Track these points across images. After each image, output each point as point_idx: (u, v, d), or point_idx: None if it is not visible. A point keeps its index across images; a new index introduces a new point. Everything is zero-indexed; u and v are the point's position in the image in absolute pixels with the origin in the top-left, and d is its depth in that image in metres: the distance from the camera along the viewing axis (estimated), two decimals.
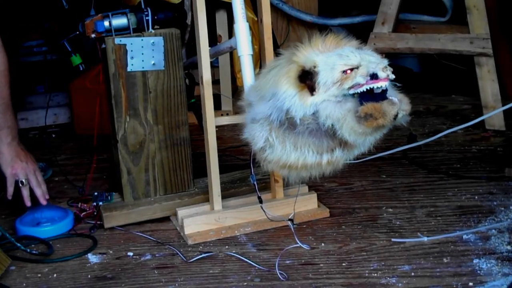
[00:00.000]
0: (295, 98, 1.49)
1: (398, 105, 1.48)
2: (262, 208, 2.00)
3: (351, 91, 1.48)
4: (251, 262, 1.90)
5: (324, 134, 1.57)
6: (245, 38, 1.95)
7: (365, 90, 1.46)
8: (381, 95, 1.47)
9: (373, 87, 1.45)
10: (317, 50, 1.49)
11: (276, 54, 1.73)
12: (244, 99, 1.75)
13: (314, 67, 1.46)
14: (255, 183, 1.96)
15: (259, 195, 1.98)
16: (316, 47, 1.50)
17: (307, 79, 1.46)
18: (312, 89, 1.46)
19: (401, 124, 1.55)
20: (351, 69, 1.45)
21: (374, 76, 1.44)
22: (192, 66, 2.46)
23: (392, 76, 1.46)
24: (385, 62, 1.45)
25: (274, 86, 1.52)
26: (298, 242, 1.94)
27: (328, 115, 1.51)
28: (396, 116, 1.48)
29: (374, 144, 1.67)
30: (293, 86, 1.48)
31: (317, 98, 1.48)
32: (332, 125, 1.53)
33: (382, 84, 1.45)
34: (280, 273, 1.81)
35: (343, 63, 1.45)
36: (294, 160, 1.63)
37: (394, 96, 1.51)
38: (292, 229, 1.97)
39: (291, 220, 1.99)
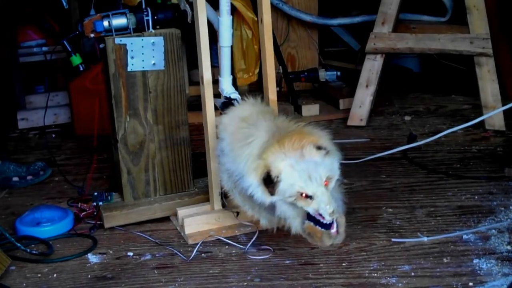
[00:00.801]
0: (258, 189, 1.69)
1: (334, 237, 1.71)
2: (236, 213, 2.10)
3: (304, 208, 1.69)
4: (251, 262, 1.90)
5: (277, 216, 1.78)
6: (227, 31, 2.07)
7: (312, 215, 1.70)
8: (327, 224, 1.69)
9: (319, 220, 1.68)
10: (283, 150, 1.65)
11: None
12: (219, 130, 1.92)
13: (277, 176, 1.64)
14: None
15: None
16: (283, 146, 1.65)
17: (269, 185, 1.66)
18: (272, 193, 1.67)
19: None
20: (307, 196, 1.64)
21: (321, 215, 1.66)
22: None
23: (338, 222, 1.70)
24: (332, 206, 1.64)
25: (243, 170, 1.72)
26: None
27: (282, 211, 1.74)
28: (331, 244, 1.73)
29: None
30: (258, 182, 1.68)
31: (275, 198, 1.69)
32: (284, 217, 1.77)
33: (327, 221, 1.67)
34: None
35: (300, 185, 1.64)
36: (251, 215, 1.92)
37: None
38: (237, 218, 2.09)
39: (237, 213, 2.08)
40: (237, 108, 1.94)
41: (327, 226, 1.69)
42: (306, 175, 1.63)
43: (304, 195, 1.64)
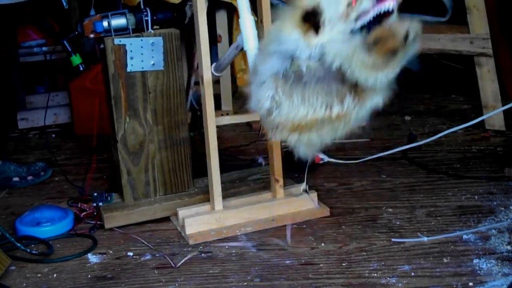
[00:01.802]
0: (300, 40, 1.42)
1: (408, 24, 1.41)
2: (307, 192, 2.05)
3: (358, 24, 1.42)
4: (251, 262, 1.90)
5: (333, 79, 1.48)
6: (251, 32, 1.89)
7: (372, 17, 1.40)
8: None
9: (381, 11, 1.39)
10: None
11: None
12: (250, 68, 1.70)
13: (318, 5, 1.40)
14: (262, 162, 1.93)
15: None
16: None
17: (311, 19, 1.39)
18: (317, 28, 1.40)
19: (411, 53, 1.47)
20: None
21: None
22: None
23: None
24: None
25: (277, 33, 1.46)
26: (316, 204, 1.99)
27: (336, 53, 1.43)
28: (407, 36, 1.41)
29: (386, 94, 1.57)
30: (297, 29, 1.41)
31: (323, 38, 1.42)
32: (340, 66, 1.44)
33: (389, 4, 1.39)
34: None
35: None
36: (303, 115, 1.53)
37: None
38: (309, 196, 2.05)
39: (306, 191, 2.01)
40: None
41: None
42: None
43: (353, 2, 1.38)
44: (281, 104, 1.53)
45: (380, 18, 1.40)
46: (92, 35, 2.13)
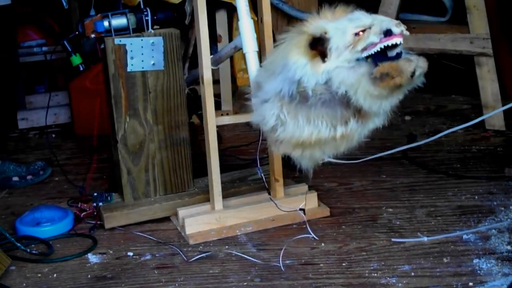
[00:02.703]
0: (306, 67, 1.44)
1: (415, 62, 1.45)
2: (271, 199, 2.01)
3: (365, 54, 1.45)
4: (251, 262, 1.90)
5: (338, 103, 1.51)
6: (250, 35, 1.93)
7: (379, 49, 1.43)
8: (396, 57, 1.44)
9: (388, 45, 1.42)
10: (326, 19, 1.46)
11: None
12: (252, 82, 1.71)
13: (325, 33, 1.43)
14: (262, 174, 1.94)
15: (267, 187, 1.97)
16: (325, 17, 1.47)
17: (318, 46, 1.42)
18: (324, 56, 1.42)
19: (417, 86, 1.52)
20: (363, 30, 1.42)
21: (388, 33, 1.41)
22: (194, 81, 2.43)
23: (407, 33, 1.42)
24: (396, 20, 1.42)
25: (284, 58, 1.48)
26: (310, 232, 1.97)
27: (341, 81, 1.46)
28: (413, 74, 1.45)
29: (388, 113, 1.63)
30: (304, 55, 1.44)
31: (330, 65, 1.44)
32: (346, 92, 1.48)
33: (396, 40, 1.42)
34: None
35: (354, 25, 1.42)
36: (307, 135, 1.57)
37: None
38: (305, 218, 2.01)
39: (302, 209, 1.98)
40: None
41: (399, 58, 1.44)
42: (357, 16, 1.44)
43: (360, 32, 1.41)
44: (286, 123, 1.57)
45: (386, 49, 1.43)
46: (92, 35, 2.13)
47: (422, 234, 2.01)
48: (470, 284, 1.74)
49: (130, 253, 2.00)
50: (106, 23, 2.11)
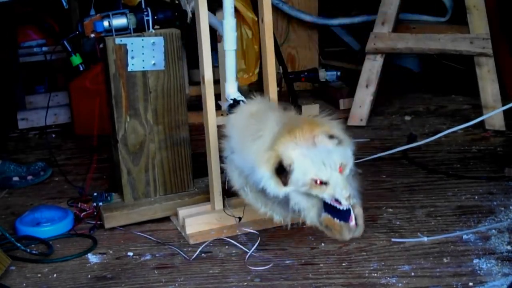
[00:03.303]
0: (270, 181, 1.64)
1: (354, 230, 1.66)
2: (224, 200, 2.11)
3: (319, 196, 1.64)
4: (251, 262, 1.90)
5: (291, 211, 1.73)
6: (231, 34, 2.03)
7: (328, 203, 1.63)
8: (344, 214, 1.63)
9: (335, 206, 1.62)
10: (294, 140, 1.61)
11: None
12: (226, 129, 1.86)
13: (290, 165, 1.60)
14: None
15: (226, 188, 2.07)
16: (294, 136, 1.61)
17: (282, 175, 1.61)
18: (285, 183, 1.62)
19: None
20: (320, 182, 1.59)
21: (337, 201, 1.61)
22: None
23: (353, 202, 1.62)
24: (348, 191, 1.59)
25: (254, 163, 1.67)
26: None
27: (296, 202, 1.69)
28: (351, 237, 1.68)
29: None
30: (270, 173, 1.63)
31: (288, 189, 1.64)
32: (299, 210, 1.71)
33: (343, 207, 1.61)
34: None
35: (314, 172, 1.59)
36: (264, 213, 1.84)
37: (354, 189, 1.66)
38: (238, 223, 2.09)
39: (239, 218, 2.08)
40: (245, 106, 1.91)
41: (345, 218, 1.64)
42: (319, 161, 1.58)
43: (318, 181, 1.59)
44: (248, 195, 1.84)
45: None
46: (92, 35, 2.13)
47: (422, 234, 2.01)
48: (470, 284, 1.74)
49: (130, 253, 2.00)
50: (106, 23, 2.11)
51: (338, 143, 1.61)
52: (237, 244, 2.01)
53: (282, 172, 1.61)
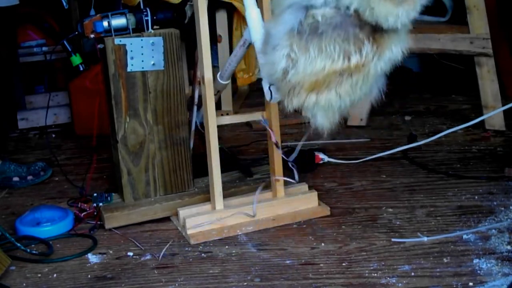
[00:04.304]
0: None
1: None
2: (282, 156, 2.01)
3: None
4: (251, 262, 1.90)
5: (350, 25, 1.44)
6: (258, 23, 1.87)
7: None
8: None
9: None
10: None
11: None
12: (260, 43, 1.66)
13: None
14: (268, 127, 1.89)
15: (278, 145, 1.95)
16: None
17: None
18: None
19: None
20: None
21: None
22: None
23: None
24: None
25: None
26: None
27: None
28: None
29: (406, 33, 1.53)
30: None
31: None
32: (358, 8, 1.42)
33: None
34: None
35: None
36: (320, 68, 1.48)
37: None
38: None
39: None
40: None
41: None
42: None
43: None
44: (297, 61, 1.49)
45: None
46: (92, 35, 2.13)
47: (422, 234, 2.01)
48: (470, 284, 1.74)
49: (130, 253, 2.00)
50: (105, 23, 2.11)
51: None
52: (237, 244, 2.01)
53: None
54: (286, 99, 1.57)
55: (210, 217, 2.09)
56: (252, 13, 1.88)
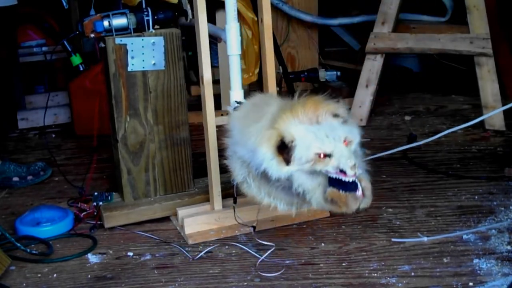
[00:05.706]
0: (272, 161, 1.56)
1: (360, 200, 1.56)
2: (234, 208, 2.05)
3: (323, 171, 1.55)
4: (251, 262, 1.90)
5: (295, 195, 1.66)
6: (234, 38, 2.01)
7: (333, 177, 1.55)
8: (350, 185, 1.55)
9: (341, 178, 1.54)
10: (296, 118, 1.54)
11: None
12: (228, 123, 1.82)
13: (292, 141, 1.53)
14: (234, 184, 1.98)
15: (235, 195, 2.01)
16: (296, 114, 1.54)
17: (284, 152, 1.54)
18: (287, 161, 1.54)
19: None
20: (324, 155, 1.51)
21: (342, 171, 1.52)
22: None
23: (359, 172, 1.53)
24: (353, 160, 1.50)
25: (255, 145, 1.60)
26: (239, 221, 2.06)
27: (300, 184, 1.61)
28: (358, 209, 1.59)
29: None
30: (271, 152, 1.55)
31: (292, 168, 1.56)
32: (303, 192, 1.63)
33: (349, 179, 1.53)
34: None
35: (317, 146, 1.51)
36: (267, 204, 1.77)
37: (362, 168, 1.59)
38: (253, 233, 2.05)
39: (253, 227, 2.05)
40: (246, 100, 1.88)
41: (351, 188, 1.54)
42: (323, 135, 1.50)
43: (322, 155, 1.50)
44: (251, 186, 1.76)
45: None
46: (92, 35, 2.13)
47: (422, 234, 2.01)
48: (470, 284, 1.74)
49: (130, 253, 2.00)
50: (106, 23, 2.11)
51: (343, 121, 1.54)
52: (237, 244, 2.01)
53: (284, 149, 1.53)
54: (241, 189, 1.84)
55: (208, 218, 2.09)
56: (232, 28, 2.00)
